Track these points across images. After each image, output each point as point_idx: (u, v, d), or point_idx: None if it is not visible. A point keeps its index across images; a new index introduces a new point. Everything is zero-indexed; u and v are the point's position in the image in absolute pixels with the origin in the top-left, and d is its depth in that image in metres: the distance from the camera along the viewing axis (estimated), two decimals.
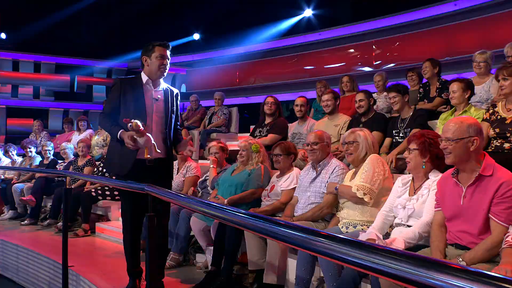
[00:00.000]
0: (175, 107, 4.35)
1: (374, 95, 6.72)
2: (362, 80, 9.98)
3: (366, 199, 3.83)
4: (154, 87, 4.21)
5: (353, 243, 1.31)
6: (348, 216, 3.99)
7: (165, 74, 4.25)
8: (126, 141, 3.91)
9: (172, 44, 4.45)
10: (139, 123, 3.84)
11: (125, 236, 4.38)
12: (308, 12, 14.55)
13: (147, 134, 3.91)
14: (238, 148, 5.47)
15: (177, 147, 4.42)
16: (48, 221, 7.99)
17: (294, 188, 4.76)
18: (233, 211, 2.05)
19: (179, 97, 4.44)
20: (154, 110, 4.16)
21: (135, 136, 3.87)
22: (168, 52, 4.24)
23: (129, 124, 3.82)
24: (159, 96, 4.21)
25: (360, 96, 5.79)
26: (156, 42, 4.22)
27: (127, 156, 4.05)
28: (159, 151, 4.03)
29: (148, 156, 3.96)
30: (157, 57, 4.14)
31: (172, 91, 4.35)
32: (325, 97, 6.22)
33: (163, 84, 4.29)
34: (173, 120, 4.32)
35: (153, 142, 3.95)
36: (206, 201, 2.34)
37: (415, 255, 1.14)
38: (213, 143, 6.13)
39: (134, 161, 4.06)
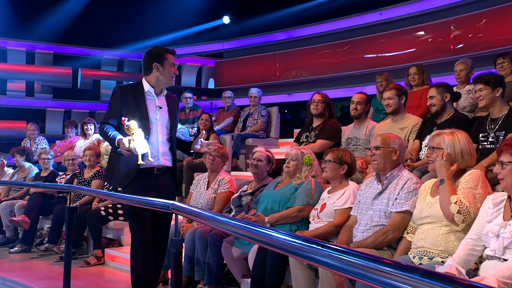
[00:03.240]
0: (177, 114, 5.06)
1: (454, 88, 6.59)
2: (436, 70, 9.81)
3: (457, 219, 3.67)
4: (156, 94, 4.79)
5: (431, 276, 1.30)
6: (425, 243, 3.87)
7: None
8: (121, 146, 4.37)
9: (197, 29, 4.87)
10: (135, 124, 4.32)
11: (134, 264, 4.72)
12: None
13: (143, 139, 4.37)
14: (281, 157, 5.50)
15: (191, 146, 5.02)
16: (46, 245, 8.04)
17: (351, 208, 4.76)
18: (278, 233, 2.08)
19: (178, 104, 5.07)
20: (158, 119, 4.76)
21: (129, 140, 4.31)
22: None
23: (126, 124, 4.29)
24: (162, 104, 4.81)
25: (432, 91, 5.68)
26: (162, 47, 4.85)
27: (128, 166, 4.59)
28: (151, 159, 4.50)
29: (142, 162, 4.39)
30: (171, 65, 4.77)
31: (173, 98, 5.02)
32: (386, 93, 6.16)
33: (164, 91, 4.87)
34: (176, 128, 4.99)
35: (147, 149, 4.40)
36: (247, 223, 2.38)
37: None
38: (261, 148, 6.23)
39: (137, 171, 4.59)
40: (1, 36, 14.71)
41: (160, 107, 4.78)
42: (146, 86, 4.77)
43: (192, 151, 5.14)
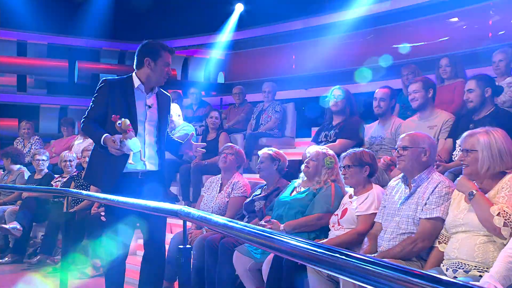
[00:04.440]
0: (168, 114, 5.11)
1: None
2: (471, 61, 9.63)
3: (504, 233, 3.58)
4: (146, 92, 4.84)
5: None
6: (459, 254, 3.84)
7: None
8: (111, 145, 4.45)
9: (207, 22, 4.93)
10: (128, 122, 4.42)
11: (111, 274, 4.84)
12: None
13: (135, 137, 4.50)
14: (297, 158, 5.50)
15: (180, 148, 5.15)
16: (38, 257, 8.10)
17: (375, 214, 4.76)
18: (297, 242, 2.08)
19: (171, 103, 5.15)
20: (147, 118, 4.82)
21: (121, 139, 4.41)
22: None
23: (118, 122, 4.39)
24: (152, 103, 4.86)
25: (471, 84, 5.61)
26: (159, 43, 4.88)
27: (113, 167, 4.66)
28: (144, 159, 4.66)
29: (132, 162, 4.53)
30: (164, 64, 4.80)
31: (165, 96, 5.09)
32: (412, 86, 6.11)
33: (156, 88, 4.92)
34: (165, 129, 5.06)
35: (140, 148, 4.55)
36: (263, 230, 2.38)
37: None
38: (263, 149, 6.26)
39: (122, 175, 4.68)
40: None
41: (149, 106, 4.84)
42: (136, 82, 4.81)
43: (181, 153, 5.16)
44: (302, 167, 5.56)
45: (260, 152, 6.21)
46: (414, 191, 4.42)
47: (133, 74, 4.85)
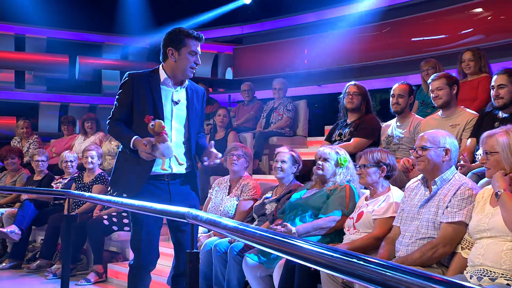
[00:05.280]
0: (200, 112, 4.86)
1: None
2: (495, 55, 9.54)
3: None
4: (174, 86, 4.62)
5: None
6: (484, 261, 3.79)
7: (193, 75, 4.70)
8: (142, 149, 4.27)
9: (214, 13, 4.73)
10: (162, 124, 4.21)
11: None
12: None
13: (169, 142, 4.29)
14: (309, 158, 5.49)
15: (202, 156, 4.80)
16: (38, 262, 8.11)
17: (393, 218, 4.73)
18: (312, 246, 2.07)
19: (205, 98, 4.96)
20: (173, 115, 4.60)
21: (154, 142, 4.21)
22: (200, 47, 4.63)
23: (151, 124, 4.17)
24: (179, 99, 4.64)
25: (501, 79, 5.48)
26: (183, 29, 4.59)
27: (139, 172, 4.48)
28: (182, 163, 4.49)
29: (165, 168, 4.38)
30: (189, 53, 4.53)
31: (197, 91, 4.85)
32: (435, 83, 6.08)
33: (186, 82, 4.70)
34: (196, 128, 4.80)
35: (175, 153, 4.36)
36: (275, 233, 2.38)
37: None
38: (283, 148, 6.21)
39: (148, 178, 4.49)
40: None
41: (177, 102, 4.62)
42: (163, 75, 4.58)
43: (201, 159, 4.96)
44: (314, 168, 5.55)
45: (281, 150, 6.17)
46: (434, 193, 4.38)
47: (160, 66, 4.64)
